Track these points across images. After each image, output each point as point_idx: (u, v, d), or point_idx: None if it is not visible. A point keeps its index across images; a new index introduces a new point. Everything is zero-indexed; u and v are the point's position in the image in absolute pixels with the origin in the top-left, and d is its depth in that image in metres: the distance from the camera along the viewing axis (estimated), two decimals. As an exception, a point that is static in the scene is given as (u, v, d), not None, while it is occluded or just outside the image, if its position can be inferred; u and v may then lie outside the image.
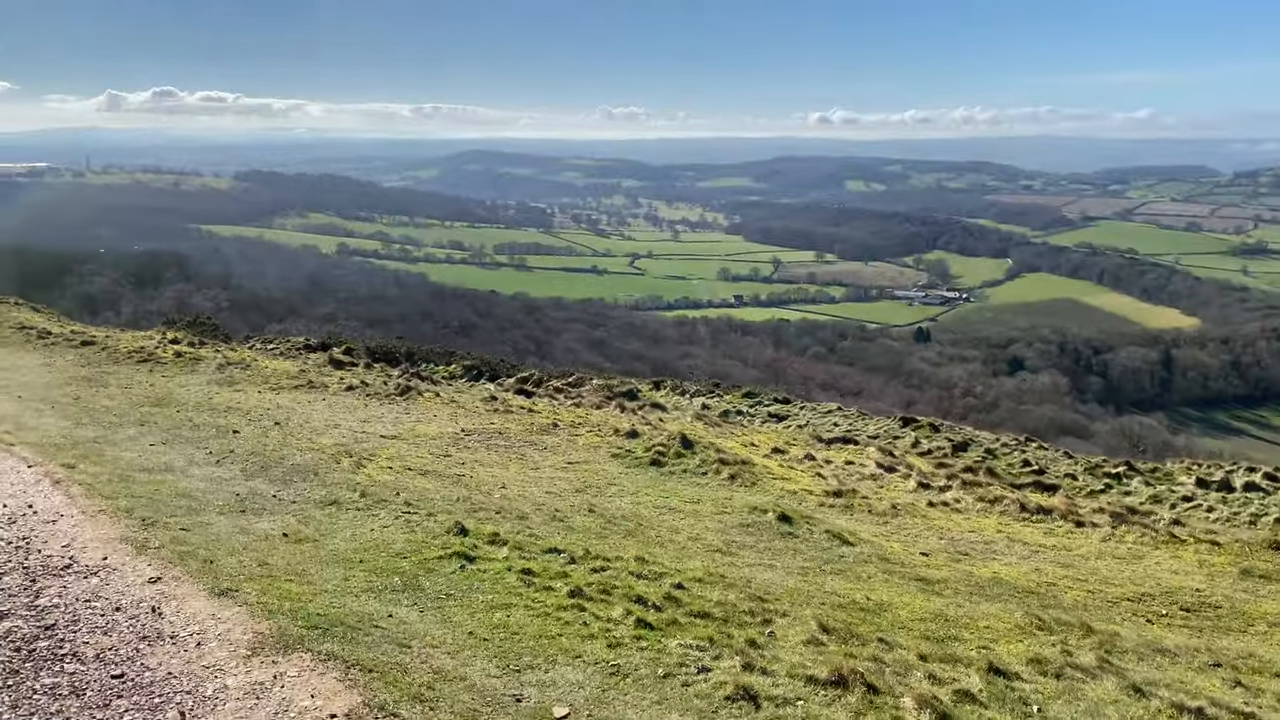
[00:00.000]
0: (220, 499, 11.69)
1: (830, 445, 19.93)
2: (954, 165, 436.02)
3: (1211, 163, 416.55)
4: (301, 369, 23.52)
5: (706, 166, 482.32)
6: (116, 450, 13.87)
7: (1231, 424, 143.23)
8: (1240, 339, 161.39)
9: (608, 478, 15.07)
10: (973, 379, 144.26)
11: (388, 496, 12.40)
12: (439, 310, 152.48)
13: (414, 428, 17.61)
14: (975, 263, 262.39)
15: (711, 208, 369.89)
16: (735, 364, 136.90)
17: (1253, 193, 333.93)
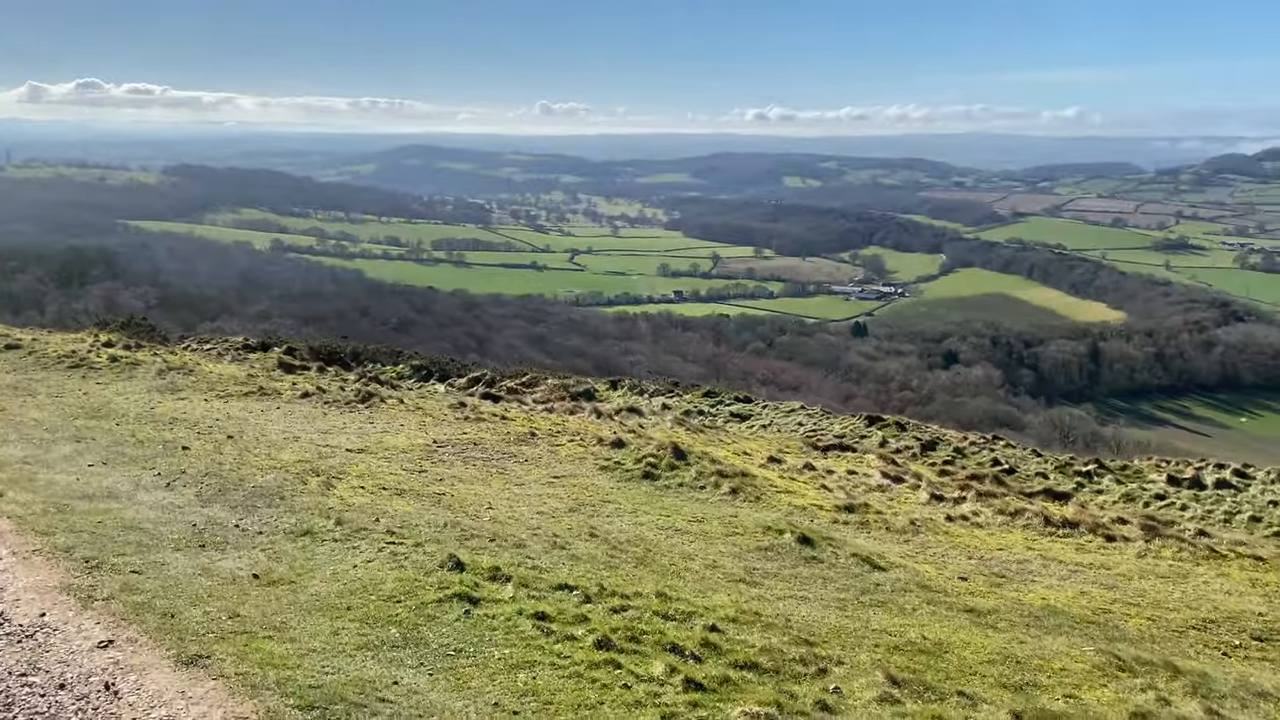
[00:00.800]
0: (175, 531, 10.22)
1: (827, 453, 18.99)
2: (889, 162, 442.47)
3: (1135, 160, 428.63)
4: (249, 374, 21.84)
5: (646, 162, 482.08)
6: (50, 473, 12.31)
7: (1156, 414, 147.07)
8: (1164, 332, 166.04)
9: (600, 494, 13.90)
10: (909, 372, 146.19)
11: (366, 524, 11.03)
12: (377, 307, 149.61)
13: (381, 439, 16.21)
14: (910, 258, 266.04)
15: (651, 203, 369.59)
16: (676, 359, 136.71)
17: (1174, 190, 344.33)
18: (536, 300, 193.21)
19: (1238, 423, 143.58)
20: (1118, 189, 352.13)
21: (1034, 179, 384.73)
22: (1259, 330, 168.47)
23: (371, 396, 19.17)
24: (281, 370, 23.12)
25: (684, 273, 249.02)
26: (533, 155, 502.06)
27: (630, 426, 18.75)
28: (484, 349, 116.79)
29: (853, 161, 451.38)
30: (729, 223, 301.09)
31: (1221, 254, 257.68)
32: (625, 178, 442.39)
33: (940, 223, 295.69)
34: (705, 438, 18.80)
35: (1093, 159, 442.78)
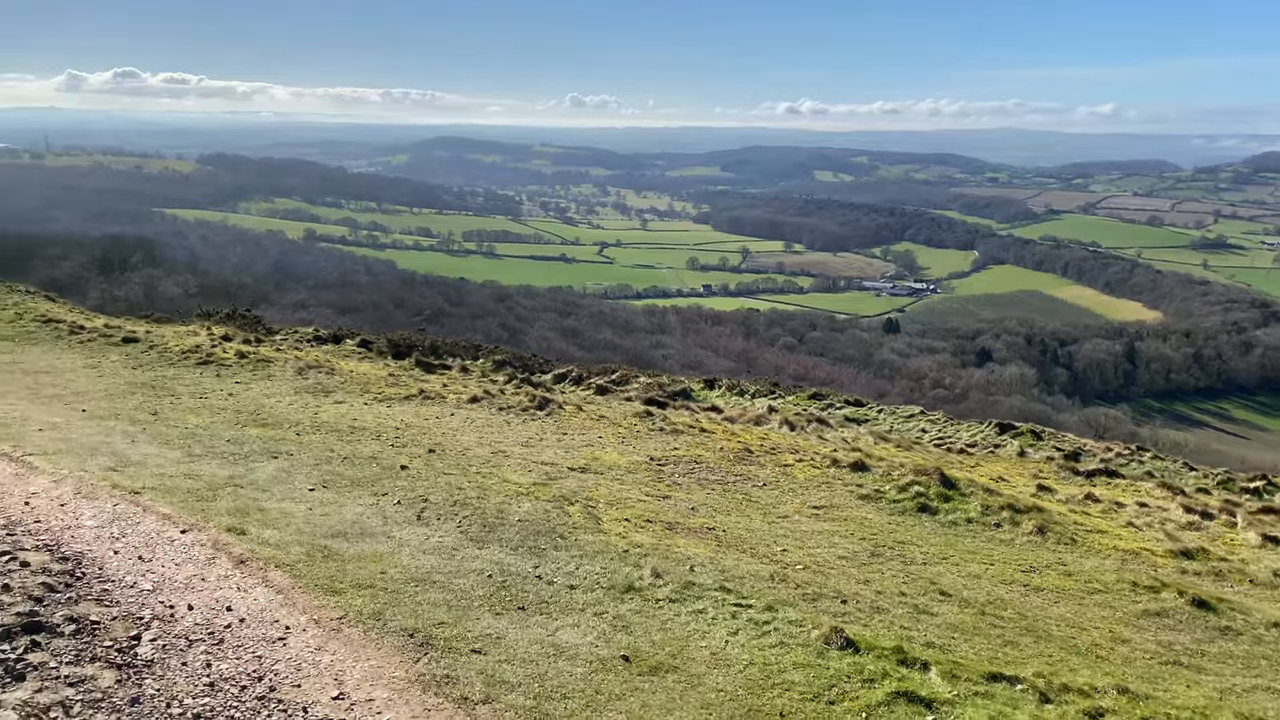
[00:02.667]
0: (473, 586, 8.64)
1: (1092, 479, 16.70)
2: (921, 157, 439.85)
3: (1172, 158, 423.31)
4: (391, 373, 20.83)
5: (675, 155, 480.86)
6: (273, 499, 10.86)
7: (1193, 416, 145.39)
8: (1202, 332, 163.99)
9: (885, 532, 12.15)
10: (942, 370, 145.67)
11: (679, 572, 9.41)
12: (410, 298, 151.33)
13: (594, 455, 14.67)
14: (942, 254, 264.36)
15: (680, 197, 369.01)
16: (707, 354, 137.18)
17: (1213, 188, 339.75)
18: (566, 292, 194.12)
19: (1277, 425, 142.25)
20: (1154, 187, 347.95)
21: (1068, 176, 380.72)
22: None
23: (549, 403, 17.95)
24: (421, 370, 22.26)
25: (713, 266, 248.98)
26: (562, 147, 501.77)
27: (826, 438, 17.43)
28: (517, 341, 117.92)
29: (885, 156, 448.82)
30: (759, 217, 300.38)
31: (1261, 254, 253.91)
32: (654, 171, 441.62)
33: (973, 219, 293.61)
34: (935, 456, 16.92)
35: (1129, 156, 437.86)
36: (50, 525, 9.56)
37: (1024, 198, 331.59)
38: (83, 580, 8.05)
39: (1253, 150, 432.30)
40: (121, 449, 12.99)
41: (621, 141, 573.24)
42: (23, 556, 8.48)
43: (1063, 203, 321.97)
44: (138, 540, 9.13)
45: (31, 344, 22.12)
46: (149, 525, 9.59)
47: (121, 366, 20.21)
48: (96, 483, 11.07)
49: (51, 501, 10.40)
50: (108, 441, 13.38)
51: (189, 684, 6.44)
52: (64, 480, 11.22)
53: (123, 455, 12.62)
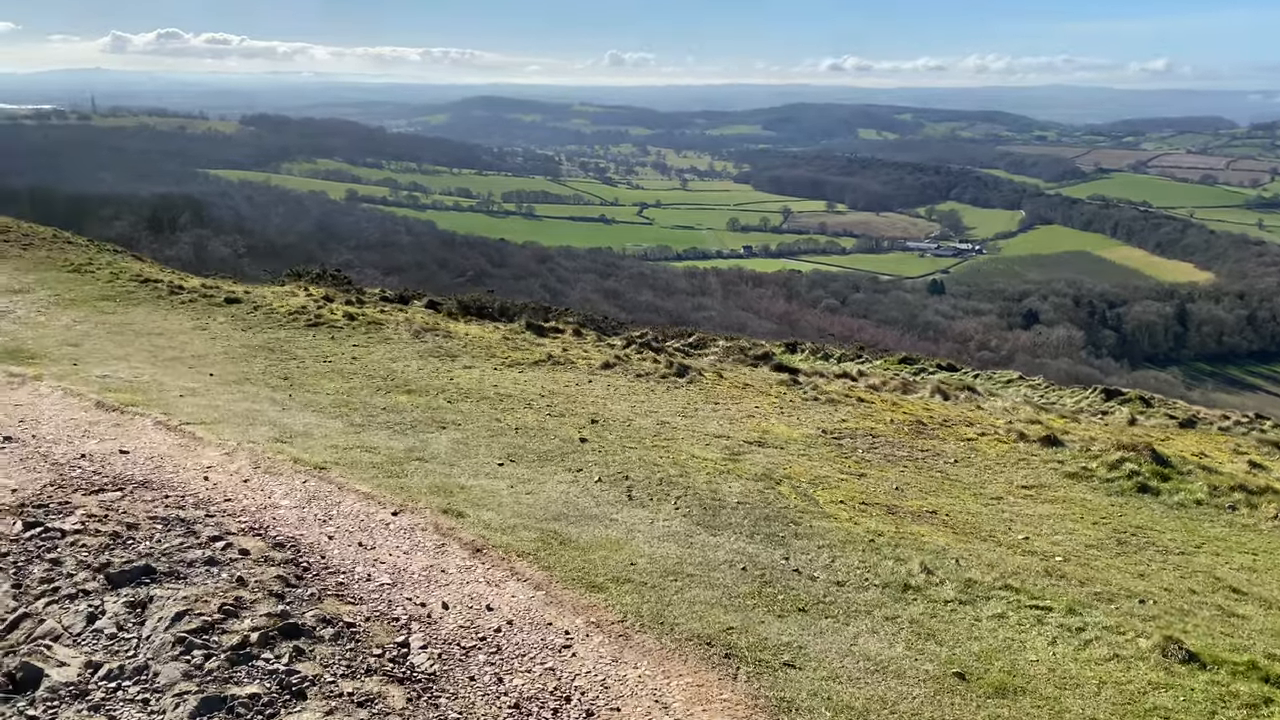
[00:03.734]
0: (734, 581, 7.67)
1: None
2: (967, 114, 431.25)
3: (1228, 114, 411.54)
4: (504, 336, 19.90)
5: (716, 114, 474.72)
6: (466, 475, 9.94)
7: (1246, 379, 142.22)
8: (1256, 294, 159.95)
9: (1112, 515, 10.92)
10: (988, 332, 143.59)
11: (947, 567, 8.42)
12: (452, 259, 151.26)
13: (761, 426, 13.63)
14: (988, 214, 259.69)
15: (720, 156, 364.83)
16: (749, 316, 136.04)
17: (1269, 145, 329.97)
18: (606, 253, 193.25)
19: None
20: (1209, 144, 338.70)
21: (1119, 133, 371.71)
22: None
23: (687, 369, 17.03)
24: (532, 334, 21.28)
25: (754, 227, 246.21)
26: (601, 107, 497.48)
27: (989, 409, 16.14)
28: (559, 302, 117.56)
29: (930, 114, 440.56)
30: (801, 176, 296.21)
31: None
32: (694, 130, 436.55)
33: (1020, 178, 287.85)
34: (1105, 427, 15.15)
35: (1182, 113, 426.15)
36: (244, 505, 8.74)
37: (1072, 156, 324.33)
38: (311, 572, 7.21)
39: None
40: (277, 417, 12.19)
41: (661, 100, 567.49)
42: (237, 542, 7.66)
43: (1112, 161, 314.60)
44: (348, 523, 8.28)
45: (133, 304, 21.40)
46: (352, 505, 8.72)
47: (231, 328, 19.46)
48: (272, 456, 10.25)
49: (232, 476, 9.59)
50: (257, 409, 12.60)
51: (489, 706, 5.54)
52: (236, 452, 10.42)
53: (282, 424, 11.81)
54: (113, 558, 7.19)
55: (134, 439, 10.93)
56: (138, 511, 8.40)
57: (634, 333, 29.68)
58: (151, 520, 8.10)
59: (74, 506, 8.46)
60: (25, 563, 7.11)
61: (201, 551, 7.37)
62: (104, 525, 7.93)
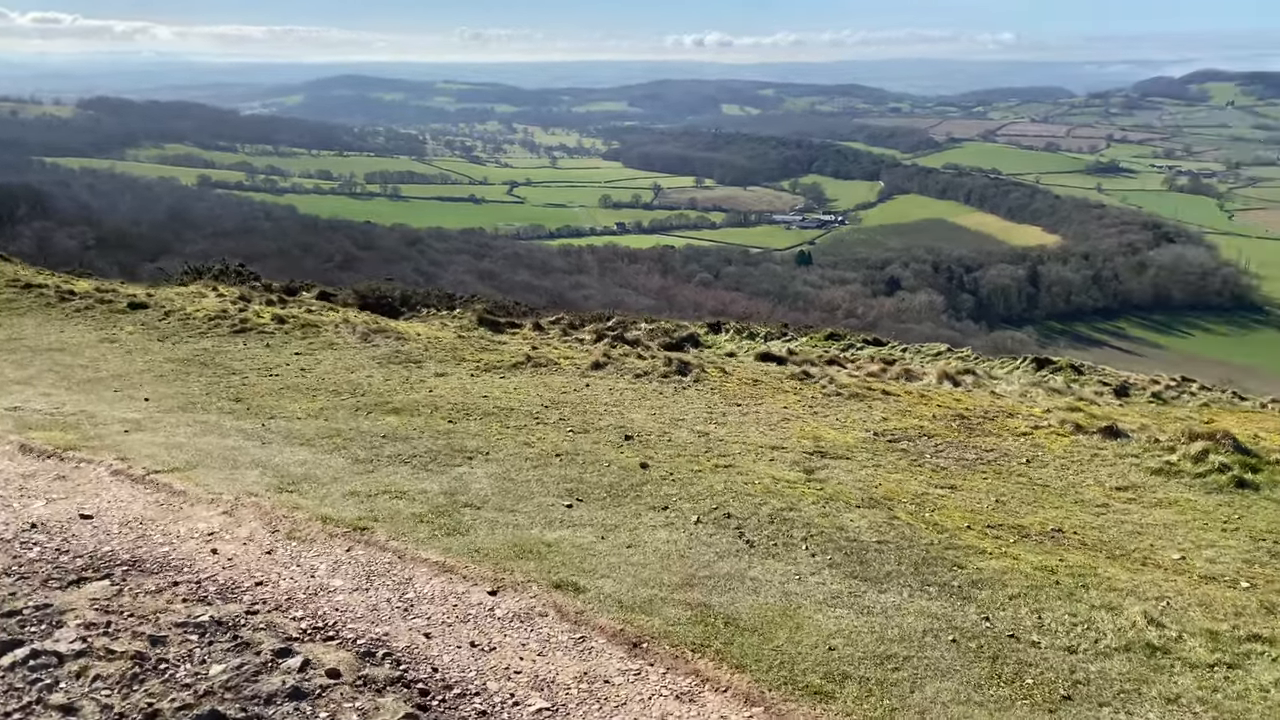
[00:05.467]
0: (960, 663, 6.26)
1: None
2: (825, 89, 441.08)
3: (1066, 84, 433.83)
4: (458, 335, 18.00)
5: (583, 90, 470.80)
6: (539, 525, 8.20)
7: (1093, 336, 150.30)
8: (1099, 254, 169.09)
9: (1232, 519, 10.00)
10: (854, 300, 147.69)
11: (1164, 614, 7.19)
12: (318, 244, 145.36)
13: (806, 431, 12.28)
14: (849, 185, 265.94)
15: (589, 133, 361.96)
16: (627, 292, 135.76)
17: (1105, 113, 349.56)
18: (478, 234, 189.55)
19: (1169, 342, 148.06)
20: (1050, 113, 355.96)
21: (968, 104, 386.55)
22: (1188, 251, 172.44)
23: (688, 366, 15.64)
24: (487, 330, 19.45)
25: (626, 204, 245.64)
26: (465, 84, 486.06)
27: (1007, 394, 15.23)
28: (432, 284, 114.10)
29: (790, 89, 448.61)
30: (669, 152, 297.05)
31: (1151, 176, 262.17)
32: (562, 106, 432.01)
33: (878, 149, 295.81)
34: (1126, 407, 14.53)
35: (1025, 83, 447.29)
36: (286, 590, 6.77)
37: (926, 127, 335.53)
38: (434, 696, 5.37)
39: (1141, 75, 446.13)
40: (261, 455, 10.07)
41: (527, 77, 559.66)
42: (313, 655, 5.74)
43: (963, 131, 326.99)
44: (440, 612, 6.43)
45: (17, 314, 18.40)
46: (429, 582, 6.84)
47: (145, 339, 16.84)
48: (287, 513, 8.21)
49: (248, 547, 7.55)
50: (231, 444, 10.43)
51: None
52: (236, 509, 8.33)
53: (273, 465, 9.71)
54: (153, 699, 5.20)
55: (93, 497, 8.69)
56: (149, 612, 6.35)
57: (550, 317, 28.12)
58: (179, 627, 6.08)
59: (58, 611, 6.34)
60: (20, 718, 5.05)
61: (274, 678, 5.44)
62: (116, 642, 5.88)
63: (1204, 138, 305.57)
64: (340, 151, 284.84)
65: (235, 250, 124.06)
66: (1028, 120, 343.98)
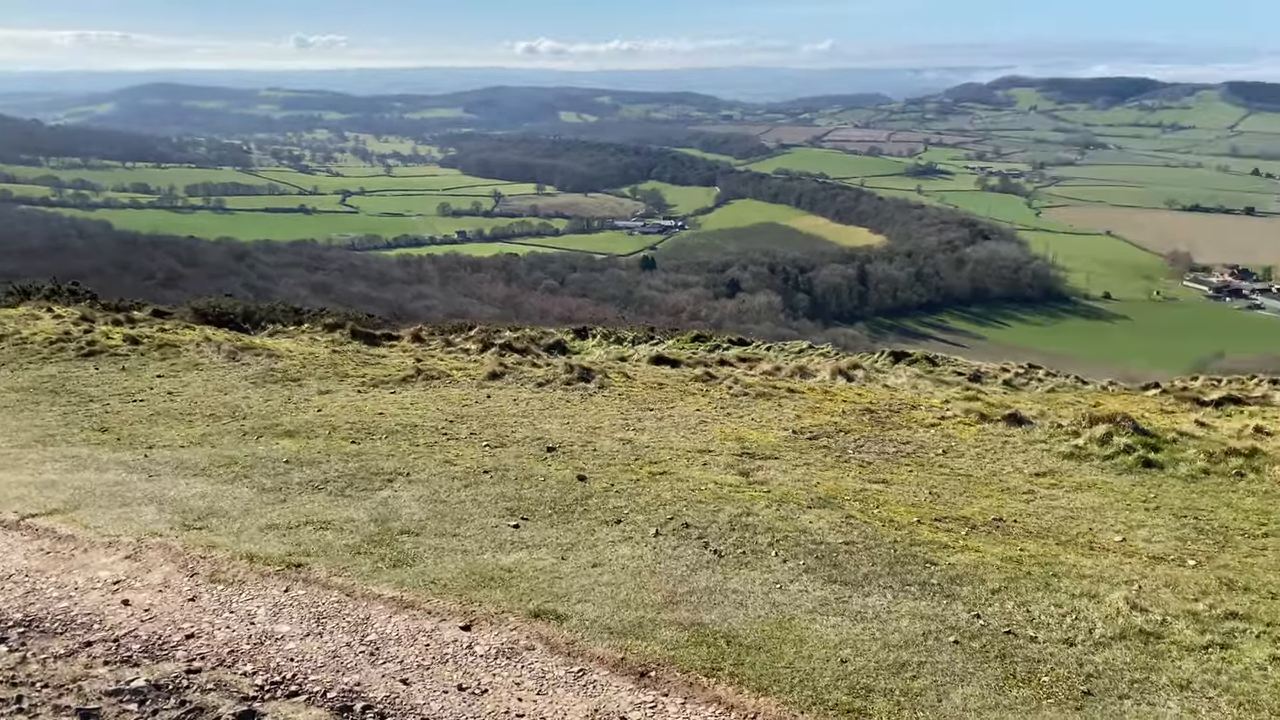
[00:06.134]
0: (972, 665, 6.07)
1: (1219, 407, 15.03)
2: (660, 96, 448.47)
3: (885, 91, 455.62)
4: (334, 351, 16.89)
5: (416, 97, 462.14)
6: (490, 549, 7.55)
7: (919, 329, 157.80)
8: (921, 252, 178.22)
9: (1150, 500, 10.16)
10: (698, 303, 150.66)
11: (1134, 595, 7.14)
12: (137, 261, 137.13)
13: (730, 432, 11.93)
14: (687, 191, 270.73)
15: (424, 140, 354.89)
16: (471, 301, 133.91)
17: (921, 118, 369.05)
18: (311, 246, 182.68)
19: (987, 332, 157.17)
20: (871, 119, 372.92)
21: (796, 111, 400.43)
22: (1002, 247, 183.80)
23: (591, 373, 15.07)
24: (362, 343, 18.21)
25: (466, 212, 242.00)
26: (291, 91, 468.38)
27: (897, 386, 15.29)
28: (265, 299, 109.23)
29: (626, 96, 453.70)
30: (508, 159, 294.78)
31: (965, 177, 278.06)
32: (394, 114, 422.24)
33: (712, 156, 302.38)
34: (1031, 398, 14.95)
35: (848, 90, 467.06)
36: (226, 641, 5.94)
37: (758, 133, 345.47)
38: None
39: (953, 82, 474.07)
40: (152, 489, 9.05)
41: (357, 84, 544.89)
42: (283, 716, 5.00)
43: (792, 137, 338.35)
44: (414, 654, 5.75)
45: None
46: (391, 622, 6.14)
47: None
48: (200, 552, 7.32)
49: (165, 595, 6.65)
50: (114, 479, 9.36)
51: None
52: (141, 553, 7.36)
53: (170, 500, 8.73)
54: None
55: (-39, 550, 7.52)
56: (67, 681, 5.44)
57: (405, 329, 27.17)
58: (111, 697, 5.21)
59: (-50, 689, 5.35)
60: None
61: (245, 746, 4.69)
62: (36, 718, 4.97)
63: (1011, 140, 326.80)
64: (158, 163, 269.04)
65: (46, 270, 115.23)
66: (851, 126, 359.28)
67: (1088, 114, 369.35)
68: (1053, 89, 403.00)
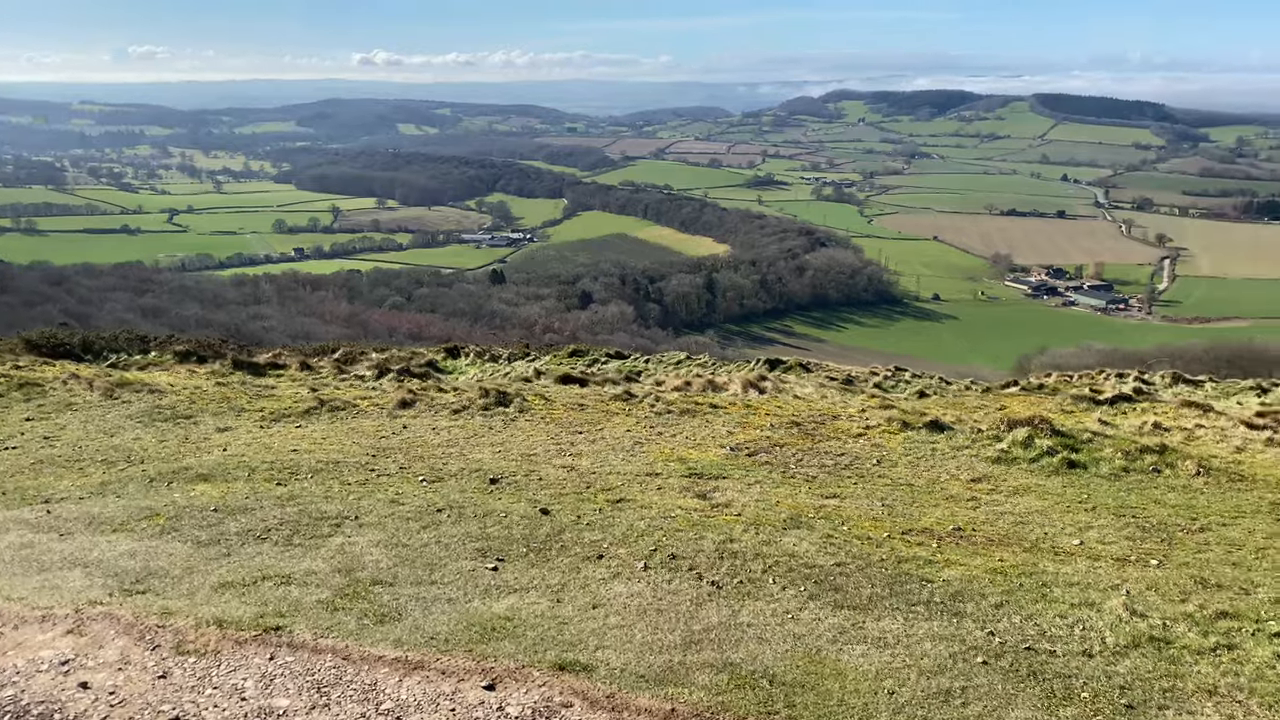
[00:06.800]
0: (1008, 686, 6.09)
1: (1114, 405, 15.14)
2: (503, 109, 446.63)
3: (724, 104, 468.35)
4: (218, 383, 15.90)
5: (246, 111, 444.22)
6: (478, 596, 7.08)
7: (766, 335, 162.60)
8: (764, 260, 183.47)
9: (1080, 499, 10.45)
10: (550, 315, 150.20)
11: (1131, 600, 7.36)
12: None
13: (670, 453, 11.69)
14: (534, 204, 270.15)
15: (256, 155, 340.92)
16: (313, 321, 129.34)
17: (758, 130, 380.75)
18: (137, 268, 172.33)
19: (828, 336, 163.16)
20: (711, 131, 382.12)
21: (638, 124, 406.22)
22: (838, 254, 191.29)
23: (508, 397, 14.54)
24: (247, 374, 17.17)
25: (303, 228, 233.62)
26: (109, 105, 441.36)
27: (806, 397, 15.27)
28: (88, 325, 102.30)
29: (467, 108, 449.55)
30: (346, 173, 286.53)
31: (802, 187, 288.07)
32: (223, 129, 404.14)
33: (558, 168, 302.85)
34: (944, 404, 15.02)
35: (688, 104, 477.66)
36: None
37: (602, 145, 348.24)
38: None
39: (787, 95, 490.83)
40: (69, 550, 8.14)
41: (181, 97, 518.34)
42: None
43: (636, 149, 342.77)
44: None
45: None
46: (402, 686, 5.61)
47: None
48: (155, 620, 6.56)
49: (128, 674, 5.91)
50: (16, 541, 8.40)
51: None
52: (84, 626, 6.55)
53: (97, 562, 7.85)
54: None
55: None
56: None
57: (270, 355, 25.90)
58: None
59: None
60: None
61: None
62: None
63: (843, 151, 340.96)
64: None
65: None
66: (692, 138, 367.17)
67: (912, 125, 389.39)
68: (879, 102, 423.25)
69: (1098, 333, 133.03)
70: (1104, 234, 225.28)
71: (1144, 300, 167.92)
